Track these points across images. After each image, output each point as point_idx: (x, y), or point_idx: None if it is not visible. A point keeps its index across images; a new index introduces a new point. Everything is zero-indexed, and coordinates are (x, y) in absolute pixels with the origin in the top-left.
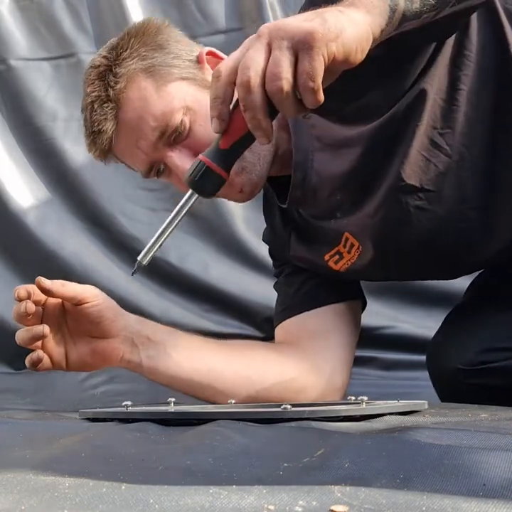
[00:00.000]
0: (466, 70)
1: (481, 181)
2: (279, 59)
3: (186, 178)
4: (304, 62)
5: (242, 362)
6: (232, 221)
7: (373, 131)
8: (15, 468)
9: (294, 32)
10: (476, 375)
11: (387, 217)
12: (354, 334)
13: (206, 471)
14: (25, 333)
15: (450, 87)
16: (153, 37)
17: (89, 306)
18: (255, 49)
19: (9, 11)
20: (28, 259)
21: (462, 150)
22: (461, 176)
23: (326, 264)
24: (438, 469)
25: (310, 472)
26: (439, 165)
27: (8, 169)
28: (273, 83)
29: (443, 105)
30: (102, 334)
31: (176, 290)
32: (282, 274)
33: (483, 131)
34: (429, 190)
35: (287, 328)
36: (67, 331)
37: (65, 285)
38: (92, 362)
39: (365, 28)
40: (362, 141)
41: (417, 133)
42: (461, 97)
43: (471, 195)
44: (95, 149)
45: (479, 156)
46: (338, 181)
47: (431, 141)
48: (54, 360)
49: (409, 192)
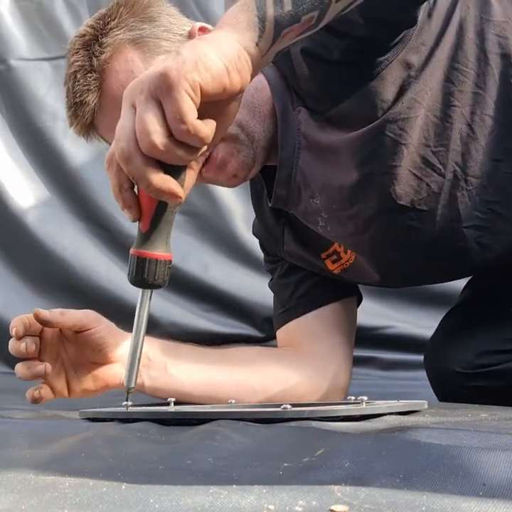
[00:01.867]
0: (460, 86)
1: (476, 200)
2: (142, 115)
3: (129, 279)
4: (168, 106)
5: (243, 372)
6: (232, 221)
7: (356, 140)
8: (15, 468)
9: (149, 80)
10: (475, 378)
11: (378, 235)
12: (352, 331)
13: (206, 471)
14: (27, 370)
15: (443, 104)
16: (144, 8)
17: (90, 334)
18: (123, 117)
19: (9, 11)
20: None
21: (456, 169)
22: (455, 195)
23: (323, 264)
24: (438, 469)
25: (310, 472)
26: (432, 184)
27: (8, 169)
28: (144, 142)
29: (436, 122)
30: (103, 360)
31: (176, 290)
32: (276, 272)
33: (478, 148)
34: (421, 210)
35: (288, 331)
36: (66, 359)
37: (64, 314)
38: (95, 388)
39: (232, 46)
40: (345, 150)
41: (406, 151)
42: (454, 114)
43: (466, 214)
44: (76, 123)
45: (474, 174)
46: (319, 185)
47: (423, 160)
48: (55, 390)
49: (400, 212)
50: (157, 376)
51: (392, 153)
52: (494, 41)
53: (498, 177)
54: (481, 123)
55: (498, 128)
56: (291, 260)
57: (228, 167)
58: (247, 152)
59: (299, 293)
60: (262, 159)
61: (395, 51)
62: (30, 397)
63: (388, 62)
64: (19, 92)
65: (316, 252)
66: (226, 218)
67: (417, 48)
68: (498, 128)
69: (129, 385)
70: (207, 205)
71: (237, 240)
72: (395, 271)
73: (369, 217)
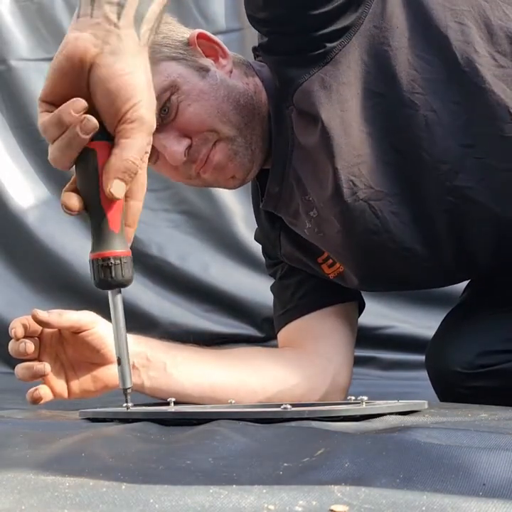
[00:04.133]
0: (424, 73)
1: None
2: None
3: (95, 283)
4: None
5: (243, 372)
6: (232, 221)
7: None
8: (15, 468)
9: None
10: (475, 378)
11: (366, 230)
12: (353, 334)
13: (206, 471)
14: (26, 371)
15: (407, 91)
16: None
17: (88, 334)
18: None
19: (9, 11)
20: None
21: (423, 154)
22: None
23: (320, 268)
24: (438, 469)
25: (310, 472)
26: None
27: (8, 169)
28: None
29: (401, 109)
30: (102, 361)
31: (176, 290)
32: (277, 274)
33: (444, 134)
34: (397, 194)
35: (288, 332)
36: (66, 359)
37: (62, 314)
38: (94, 388)
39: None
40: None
41: (372, 141)
42: (419, 101)
43: (436, 200)
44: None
45: (441, 160)
46: (310, 182)
47: (392, 146)
48: (55, 391)
49: (379, 198)
50: (157, 377)
51: (361, 141)
52: (457, 29)
53: (468, 162)
54: (446, 109)
55: (465, 113)
56: (290, 263)
57: (226, 169)
58: (245, 153)
59: (300, 294)
60: (260, 160)
61: (348, 36)
62: (30, 398)
63: (342, 47)
64: (19, 92)
65: (312, 256)
66: (226, 218)
67: (370, 32)
68: (465, 113)
69: (124, 386)
70: (207, 205)
71: (237, 240)
72: (371, 274)
73: (352, 207)
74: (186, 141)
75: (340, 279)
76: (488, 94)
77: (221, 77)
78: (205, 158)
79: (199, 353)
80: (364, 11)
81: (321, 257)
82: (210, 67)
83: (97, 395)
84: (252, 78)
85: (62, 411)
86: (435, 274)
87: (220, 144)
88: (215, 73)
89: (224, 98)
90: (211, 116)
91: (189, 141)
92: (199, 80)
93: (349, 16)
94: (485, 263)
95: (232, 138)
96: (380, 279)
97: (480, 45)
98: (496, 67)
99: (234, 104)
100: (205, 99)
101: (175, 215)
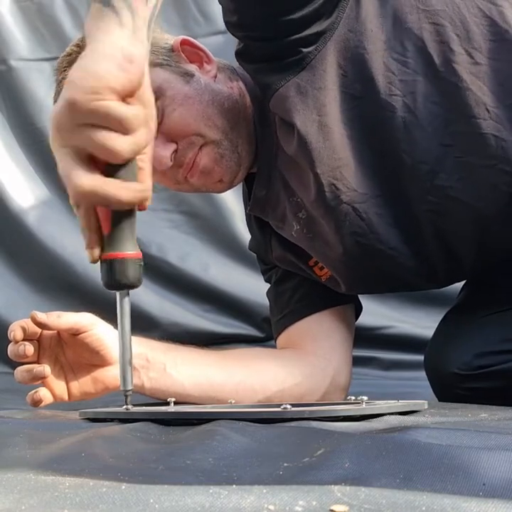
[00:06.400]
0: (400, 75)
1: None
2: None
3: (104, 284)
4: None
5: (243, 372)
6: (232, 221)
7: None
8: (15, 468)
9: (56, 155)
10: (473, 379)
11: (352, 232)
12: (351, 336)
13: (206, 471)
14: (26, 373)
15: (384, 93)
16: None
17: (87, 336)
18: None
19: (9, 11)
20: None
21: (403, 156)
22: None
23: (312, 271)
24: (438, 469)
25: (310, 472)
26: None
27: (9, 169)
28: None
29: (378, 113)
30: (102, 362)
31: (176, 290)
32: (272, 280)
33: (424, 135)
34: (379, 195)
35: (288, 336)
36: (65, 361)
37: (61, 316)
38: (94, 390)
39: (95, 52)
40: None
41: (351, 143)
42: (396, 103)
43: (418, 199)
44: None
45: (421, 160)
46: (296, 184)
47: (371, 149)
48: (55, 393)
49: (363, 201)
50: (157, 377)
51: (341, 145)
52: (431, 30)
53: (447, 162)
54: (424, 110)
55: (443, 113)
56: (283, 267)
57: (213, 172)
58: (231, 156)
59: (296, 298)
60: (247, 163)
61: (323, 41)
62: (30, 400)
63: (317, 52)
64: (19, 92)
65: (303, 259)
66: (226, 218)
67: (345, 36)
68: (443, 113)
69: (125, 387)
70: (207, 205)
71: (237, 240)
72: (359, 275)
73: (339, 212)
74: (172, 146)
75: (331, 281)
76: (466, 92)
77: (205, 81)
78: (191, 162)
79: (199, 354)
80: (338, 16)
81: (312, 260)
82: (195, 73)
83: (97, 397)
84: (236, 82)
85: (62, 411)
86: (421, 275)
87: (206, 148)
88: (199, 78)
89: (209, 102)
90: (196, 120)
91: (175, 145)
92: (184, 85)
93: (324, 21)
94: (470, 262)
95: (218, 141)
96: (367, 280)
97: (456, 43)
98: (472, 64)
99: (219, 108)
100: (190, 104)
101: (175, 215)
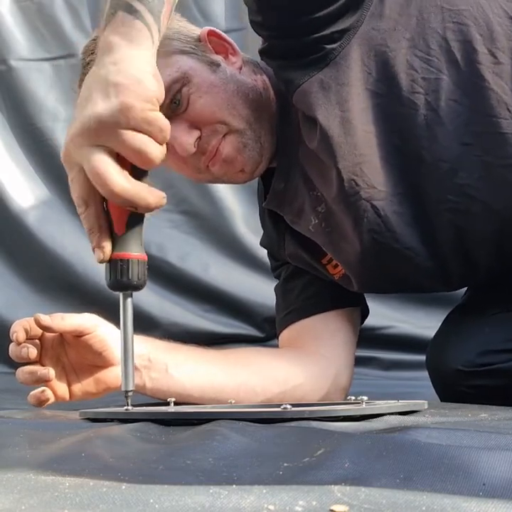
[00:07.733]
0: (423, 73)
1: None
2: (92, 167)
3: (109, 284)
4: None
5: (244, 373)
6: (232, 221)
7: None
8: (15, 468)
9: (64, 155)
10: (476, 376)
11: (369, 229)
12: (354, 338)
13: (206, 471)
14: (29, 375)
15: (407, 91)
16: None
17: (90, 338)
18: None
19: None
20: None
21: (423, 153)
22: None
23: (325, 269)
24: (438, 469)
25: (310, 472)
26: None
27: (8, 169)
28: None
29: (401, 109)
30: (104, 363)
31: (176, 290)
32: (281, 275)
33: (445, 133)
34: (399, 193)
35: (291, 333)
36: (67, 362)
37: (65, 318)
38: (96, 391)
39: (136, 61)
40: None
41: (375, 139)
42: (419, 101)
43: (438, 197)
44: None
45: (441, 159)
46: (317, 178)
47: (392, 146)
48: (57, 394)
49: (382, 198)
50: (158, 378)
51: (363, 141)
52: (455, 29)
53: (467, 160)
54: (446, 108)
55: (464, 112)
56: (295, 264)
57: (235, 161)
58: (254, 146)
59: (305, 295)
60: (269, 154)
61: (347, 38)
62: (36, 400)
63: (341, 49)
64: (19, 92)
65: (316, 257)
66: (226, 218)
67: (369, 33)
68: (464, 112)
69: (126, 388)
70: (207, 205)
71: (237, 240)
72: (373, 274)
73: (357, 209)
74: (196, 133)
75: (344, 280)
76: (488, 92)
77: (231, 72)
78: (214, 149)
79: (200, 354)
80: (363, 13)
81: (325, 258)
82: (220, 63)
83: (99, 397)
84: (260, 76)
85: (63, 411)
86: (436, 278)
87: (229, 137)
88: (225, 68)
89: (234, 92)
90: (221, 108)
91: (199, 132)
92: (210, 73)
93: (348, 19)
94: (486, 265)
95: (242, 131)
96: (380, 280)
97: (479, 42)
98: (495, 64)
99: (243, 99)
100: (216, 92)
101: (175, 215)
